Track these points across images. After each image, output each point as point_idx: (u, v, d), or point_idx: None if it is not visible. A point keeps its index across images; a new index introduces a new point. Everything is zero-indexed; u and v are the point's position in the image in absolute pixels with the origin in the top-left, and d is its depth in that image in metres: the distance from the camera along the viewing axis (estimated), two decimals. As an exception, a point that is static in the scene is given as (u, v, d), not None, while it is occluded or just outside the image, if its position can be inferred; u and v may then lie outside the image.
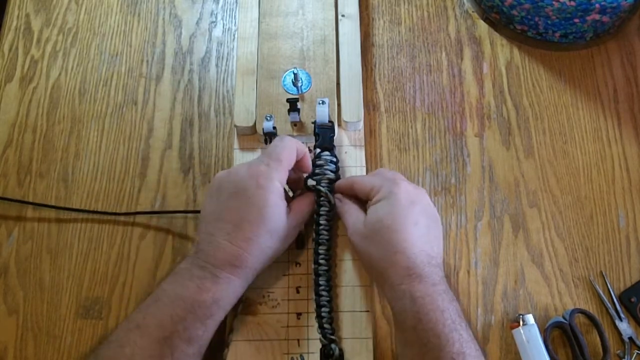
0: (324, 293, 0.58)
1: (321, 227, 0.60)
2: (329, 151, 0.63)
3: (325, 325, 0.57)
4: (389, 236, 0.54)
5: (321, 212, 0.61)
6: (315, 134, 0.64)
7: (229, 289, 0.53)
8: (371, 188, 0.58)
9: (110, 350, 0.50)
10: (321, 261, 0.59)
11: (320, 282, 0.59)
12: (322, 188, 0.61)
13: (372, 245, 0.55)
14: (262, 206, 0.54)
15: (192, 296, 0.52)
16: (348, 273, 0.61)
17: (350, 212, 0.59)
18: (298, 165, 0.60)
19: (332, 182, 0.62)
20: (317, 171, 0.62)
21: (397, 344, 0.56)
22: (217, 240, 0.54)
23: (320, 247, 0.60)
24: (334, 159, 0.63)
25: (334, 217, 0.62)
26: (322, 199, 0.61)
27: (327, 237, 0.60)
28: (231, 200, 0.55)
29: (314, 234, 0.61)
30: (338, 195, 0.61)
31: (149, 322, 0.51)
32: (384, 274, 0.53)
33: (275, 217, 0.55)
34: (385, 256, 0.53)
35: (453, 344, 0.49)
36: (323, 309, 0.58)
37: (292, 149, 0.58)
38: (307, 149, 0.61)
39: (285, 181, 0.58)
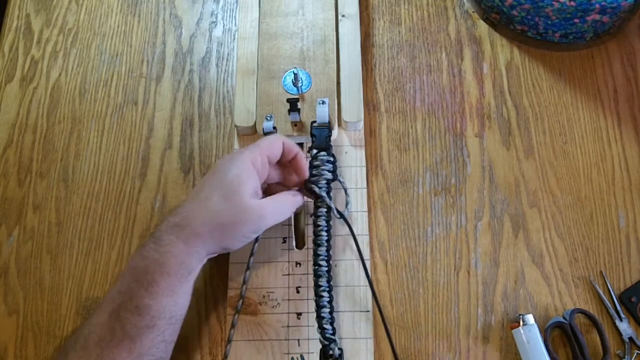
0: (324, 294, 0.58)
1: (319, 228, 0.61)
2: (325, 151, 0.63)
3: (325, 326, 0.57)
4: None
5: (319, 214, 0.61)
6: (311, 135, 0.64)
7: (171, 252, 0.50)
8: None
9: (74, 336, 0.50)
10: (321, 262, 0.60)
11: (320, 283, 0.59)
12: (317, 190, 0.61)
13: None
14: (219, 171, 0.54)
15: (135, 265, 0.51)
16: (348, 273, 0.61)
17: None
18: (293, 167, 0.60)
19: (329, 182, 0.62)
20: (314, 172, 0.62)
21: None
22: (176, 209, 0.54)
23: (319, 248, 0.60)
24: (331, 159, 0.63)
25: (333, 218, 0.62)
26: (320, 200, 0.61)
27: (326, 238, 0.60)
28: (208, 175, 0.56)
29: (312, 235, 0.61)
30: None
31: (105, 299, 0.51)
32: None
33: (235, 181, 0.53)
34: None
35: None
36: (323, 310, 0.58)
37: (276, 140, 0.57)
38: (299, 150, 0.59)
39: (259, 164, 0.55)
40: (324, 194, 0.61)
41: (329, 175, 0.62)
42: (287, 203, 0.58)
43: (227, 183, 0.53)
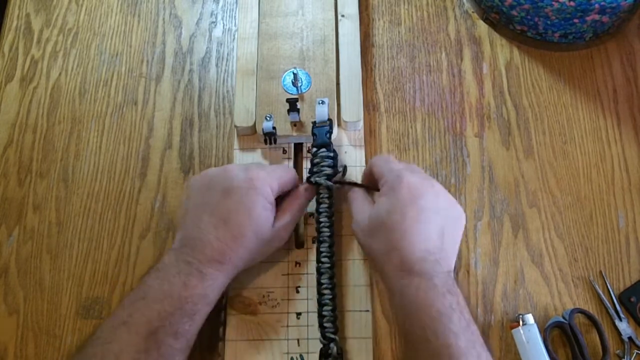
0: (326, 292, 0.58)
1: (322, 224, 0.60)
2: (325, 147, 0.63)
3: (326, 325, 0.57)
4: (386, 234, 0.54)
5: (321, 210, 0.61)
6: (312, 134, 0.64)
7: (214, 285, 0.53)
8: (379, 178, 0.58)
9: (97, 347, 0.50)
10: (323, 259, 0.59)
11: (323, 281, 0.59)
12: (319, 180, 0.61)
13: (372, 241, 0.55)
14: (251, 207, 0.55)
15: (178, 292, 0.52)
16: (348, 272, 0.62)
17: (357, 203, 0.59)
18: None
19: (330, 176, 0.62)
20: (314, 169, 0.62)
21: (399, 339, 0.56)
22: (204, 235, 0.54)
23: (322, 245, 0.60)
24: (331, 154, 0.63)
25: (335, 214, 0.62)
26: (321, 195, 0.61)
27: (328, 234, 0.60)
28: (222, 197, 0.55)
29: (315, 232, 0.61)
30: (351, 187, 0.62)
31: (135, 319, 0.51)
32: (382, 269, 0.54)
33: (262, 219, 0.55)
34: (382, 252, 0.54)
35: (437, 337, 0.48)
36: (325, 308, 0.58)
37: (292, 174, 0.61)
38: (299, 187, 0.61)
39: (275, 193, 0.58)
40: (322, 180, 0.61)
41: (329, 170, 0.62)
42: (297, 212, 0.60)
43: (258, 225, 0.55)
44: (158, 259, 0.56)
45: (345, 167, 0.64)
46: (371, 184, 0.61)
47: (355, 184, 0.62)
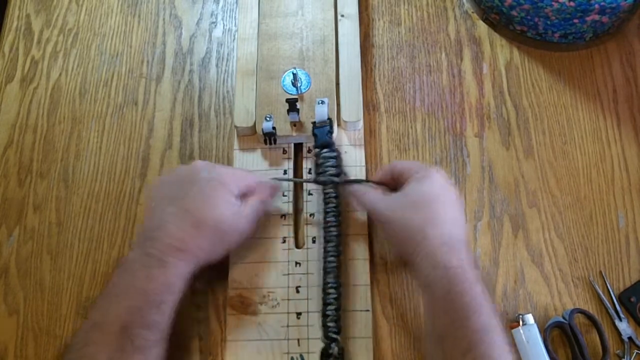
0: (331, 291, 0.58)
1: (329, 223, 0.61)
2: (328, 147, 0.63)
3: (329, 324, 0.57)
4: (432, 207, 0.56)
5: (328, 209, 0.61)
6: (313, 135, 0.65)
7: (177, 273, 0.54)
8: (410, 168, 0.60)
9: (73, 353, 0.51)
10: (330, 258, 0.60)
11: (328, 280, 0.59)
12: (324, 178, 0.62)
13: (412, 213, 0.56)
14: (212, 197, 0.56)
15: (143, 285, 0.53)
16: (349, 272, 0.61)
17: (371, 193, 0.60)
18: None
19: (335, 176, 0.62)
20: (319, 170, 0.62)
21: (426, 318, 0.56)
22: (165, 225, 0.55)
23: (329, 244, 0.60)
24: (334, 154, 0.63)
25: (342, 213, 0.62)
26: (328, 195, 0.61)
27: (335, 234, 0.60)
28: (187, 189, 0.57)
29: (316, 232, 0.61)
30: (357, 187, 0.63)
31: (106, 318, 0.52)
32: (422, 243, 0.55)
33: (222, 209, 0.56)
34: (425, 225, 0.55)
35: (480, 315, 0.50)
36: (329, 307, 0.58)
37: (255, 179, 0.61)
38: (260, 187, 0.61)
39: (239, 189, 0.59)
40: (327, 178, 0.62)
41: (333, 170, 0.62)
42: (258, 205, 0.60)
43: (219, 213, 0.56)
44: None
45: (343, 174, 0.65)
46: (386, 183, 0.61)
47: (363, 181, 0.62)
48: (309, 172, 0.66)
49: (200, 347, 0.60)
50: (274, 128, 0.65)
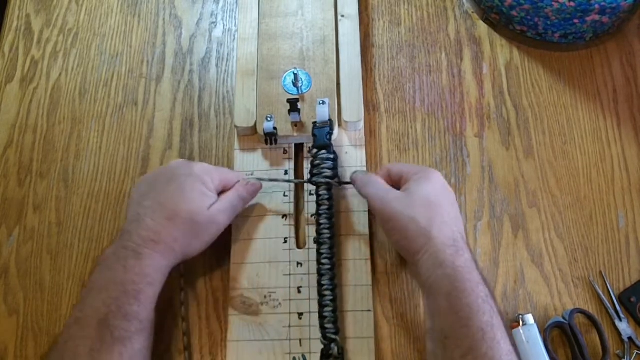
0: (326, 293, 0.58)
1: (322, 226, 0.61)
2: (325, 149, 0.63)
3: (327, 325, 0.57)
4: (436, 207, 0.56)
5: (321, 212, 0.61)
6: (313, 135, 0.65)
7: (153, 265, 0.55)
8: (409, 170, 0.60)
9: (56, 351, 0.51)
10: (324, 260, 0.60)
11: (323, 282, 0.59)
12: (319, 179, 0.62)
13: (417, 212, 0.56)
14: (187, 190, 0.57)
15: (120, 276, 0.53)
16: (349, 273, 0.62)
17: (375, 184, 0.60)
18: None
19: (330, 178, 0.62)
20: (314, 171, 0.62)
21: (427, 318, 0.55)
22: (141, 218, 0.56)
23: (322, 247, 0.60)
24: (331, 156, 0.63)
25: (335, 214, 0.62)
26: (321, 197, 0.61)
27: (328, 236, 0.60)
28: (165, 185, 0.58)
29: (315, 234, 0.61)
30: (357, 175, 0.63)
31: (85, 312, 0.52)
32: (428, 242, 0.55)
33: (197, 202, 0.57)
34: (431, 225, 0.55)
35: (483, 314, 0.50)
36: (326, 309, 0.58)
37: (236, 175, 0.62)
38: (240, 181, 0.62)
39: (216, 185, 0.60)
40: (322, 179, 0.62)
41: (329, 173, 0.62)
42: (235, 200, 0.60)
43: (193, 206, 0.57)
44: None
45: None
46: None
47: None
48: (310, 174, 0.66)
49: (201, 347, 0.60)
50: (275, 128, 0.65)
